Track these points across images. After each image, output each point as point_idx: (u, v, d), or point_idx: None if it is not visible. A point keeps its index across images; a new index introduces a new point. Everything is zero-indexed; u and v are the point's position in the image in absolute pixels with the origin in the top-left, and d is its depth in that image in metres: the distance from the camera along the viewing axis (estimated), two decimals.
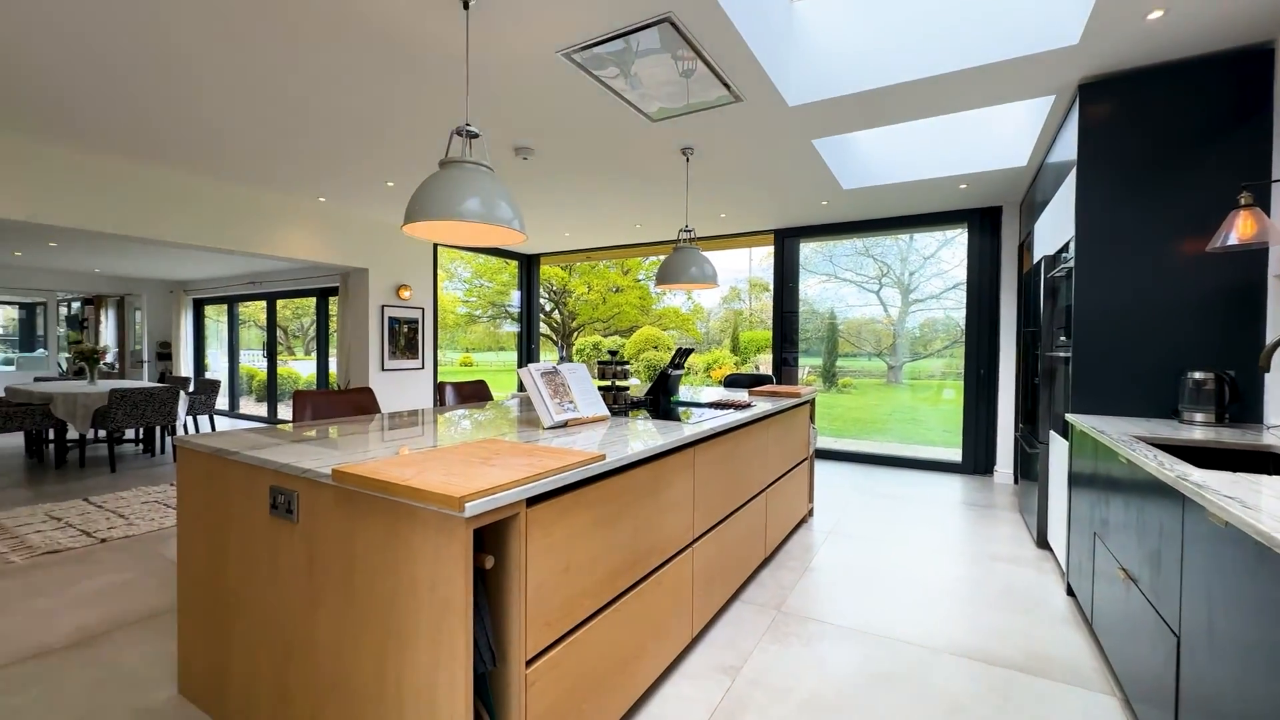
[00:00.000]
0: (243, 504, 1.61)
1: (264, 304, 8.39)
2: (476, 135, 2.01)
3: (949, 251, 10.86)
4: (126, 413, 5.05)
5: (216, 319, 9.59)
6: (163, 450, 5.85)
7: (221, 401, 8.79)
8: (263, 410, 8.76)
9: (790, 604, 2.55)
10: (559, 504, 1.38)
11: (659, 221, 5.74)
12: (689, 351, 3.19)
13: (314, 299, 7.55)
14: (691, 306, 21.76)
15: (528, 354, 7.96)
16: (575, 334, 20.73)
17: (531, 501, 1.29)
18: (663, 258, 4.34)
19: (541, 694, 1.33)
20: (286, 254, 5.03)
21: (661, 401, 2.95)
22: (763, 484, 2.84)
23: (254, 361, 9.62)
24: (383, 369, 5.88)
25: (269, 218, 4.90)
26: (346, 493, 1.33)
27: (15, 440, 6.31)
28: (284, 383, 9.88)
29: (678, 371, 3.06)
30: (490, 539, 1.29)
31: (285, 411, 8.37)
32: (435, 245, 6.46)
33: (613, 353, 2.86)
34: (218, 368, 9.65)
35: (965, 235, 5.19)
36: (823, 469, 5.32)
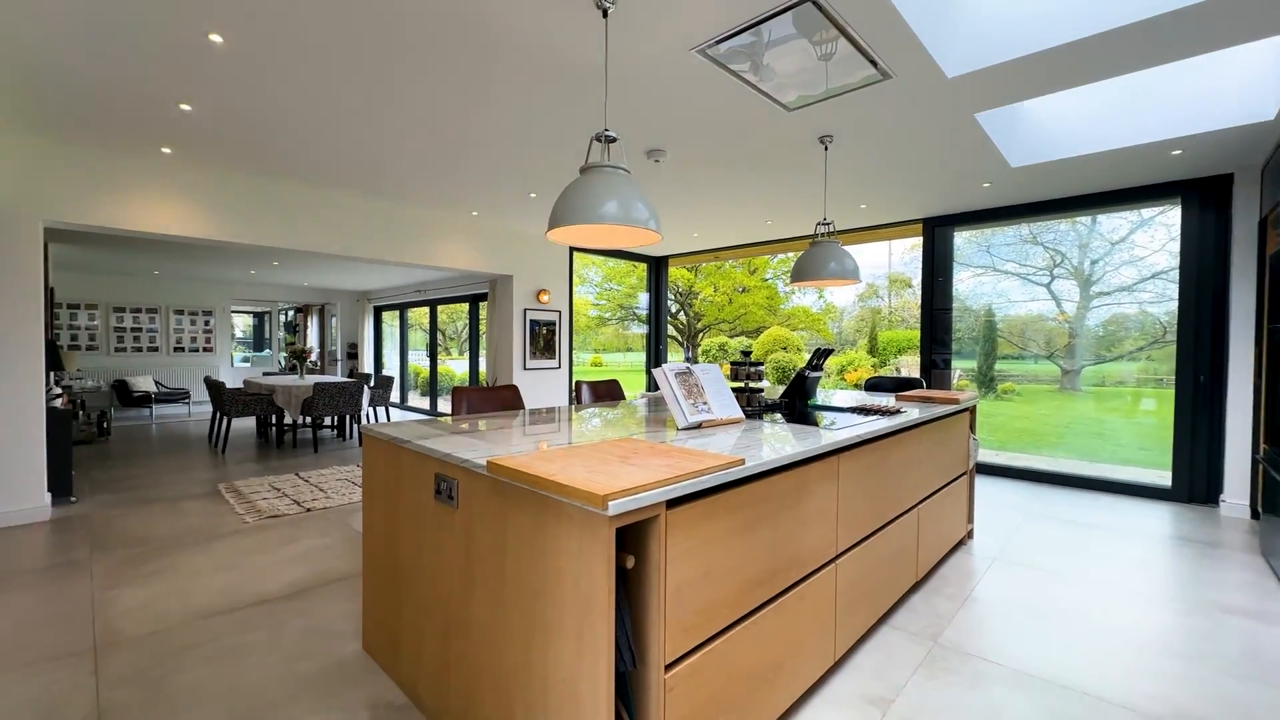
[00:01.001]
0: (413, 487, 1.80)
1: (427, 310, 9.47)
2: (614, 139, 2.06)
3: (1145, 234, 9.08)
4: (325, 403, 5.98)
5: (390, 323, 11.04)
6: (351, 436, 6.85)
7: (394, 395, 10.10)
8: (425, 403, 9.87)
9: (948, 636, 2.27)
10: (698, 508, 1.34)
11: (791, 216, 5.50)
12: (827, 353, 2.99)
13: (467, 304, 8.37)
14: (823, 305, 20.68)
15: (656, 355, 8.08)
16: (701, 335, 20.69)
17: (671, 504, 1.27)
18: (795, 255, 4.12)
19: (679, 701, 1.30)
20: (446, 264, 5.62)
21: (798, 405, 2.80)
22: (915, 499, 2.57)
23: (418, 360, 10.93)
24: (524, 368, 6.33)
25: (432, 233, 5.51)
26: (499, 484, 1.42)
27: (248, 423, 7.79)
28: (441, 379, 11.10)
29: (816, 374, 2.88)
30: (630, 539, 1.29)
31: (444, 405, 9.39)
32: (571, 251, 6.82)
33: (745, 353, 2.77)
34: (391, 365, 11.10)
35: (1178, 212, 4.28)
36: (984, 485, 4.72)
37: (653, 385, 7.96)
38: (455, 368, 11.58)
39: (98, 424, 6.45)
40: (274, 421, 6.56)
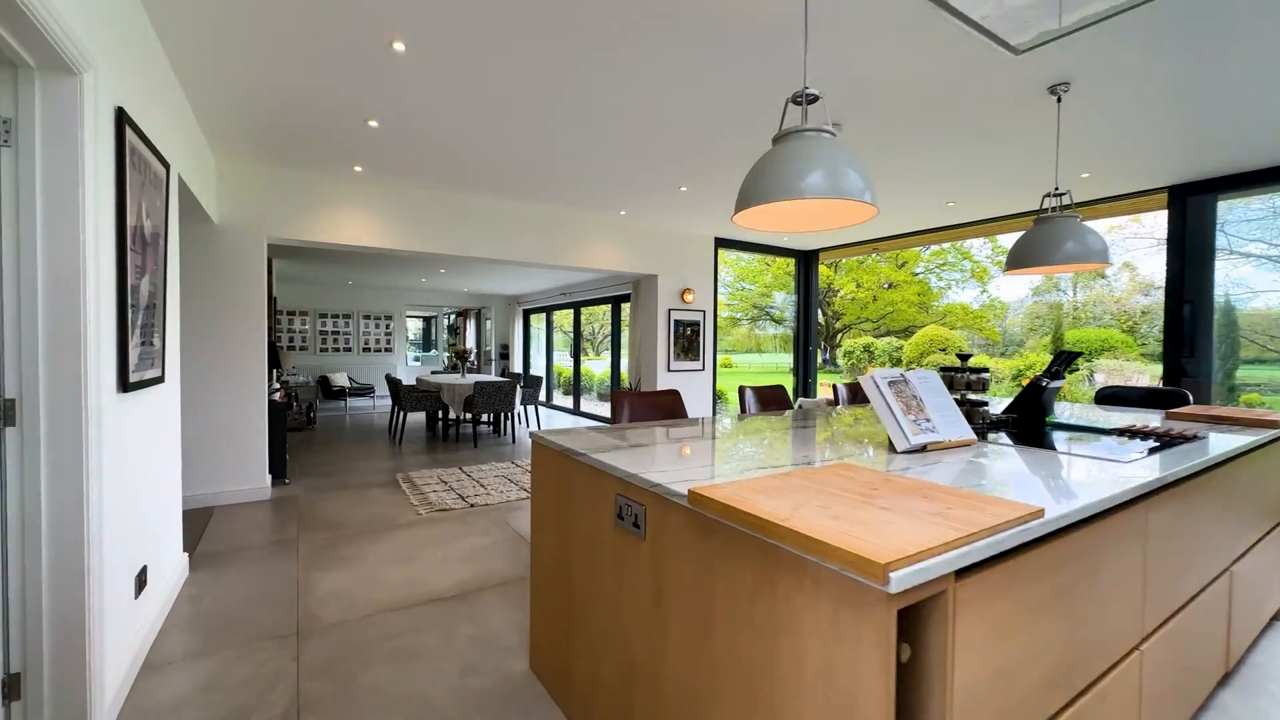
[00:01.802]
0: (588, 505, 1.61)
1: (571, 312, 9.79)
2: (816, 98, 1.70)
3: None
4: (484, 401, 6.33)
5: (537, 326, 11.62)
6: (505, 432, 7.21)
7: (539, 394, 10.60)
8: (569, 402, 10.20)
9: None
10: (990, 578, 0.95)
11: (983, 194, 4.66)
12: (1072, 356, 2.34)
13: (609, 305, 8.45)
14: (988, 300, 18.16)
15: (805, 357, 7.48)
16: (840, 335, 19.23)
17: (959, 573, 0.90)
18: (974, 242, 3.39)
19: None
20: (596, 265, 5.62)
21: (1031, 423, 2.21)
22: (1227, 559, 1.87)
23: (559, 360, 11.38)
24: (668, 369, 6.16)
25: (584, 236, 5.54)
26: (703, 519, 1.15)
27: (420, 416, 8.60)
28: (580, 379, 11.43)
29: (1056, 383, 2.26)
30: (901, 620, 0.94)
31: (587, 405, 9.62)
32: (716, 248, 6.52)
33: (964, 357, 2.25)
34: (536, 366, 11.68)
35: None
36: None
37: (804, 392, 7.37)
38: (594, 368, 11.88)
39: (306, 414, 7.49)
40: (441, 416, 7.11)
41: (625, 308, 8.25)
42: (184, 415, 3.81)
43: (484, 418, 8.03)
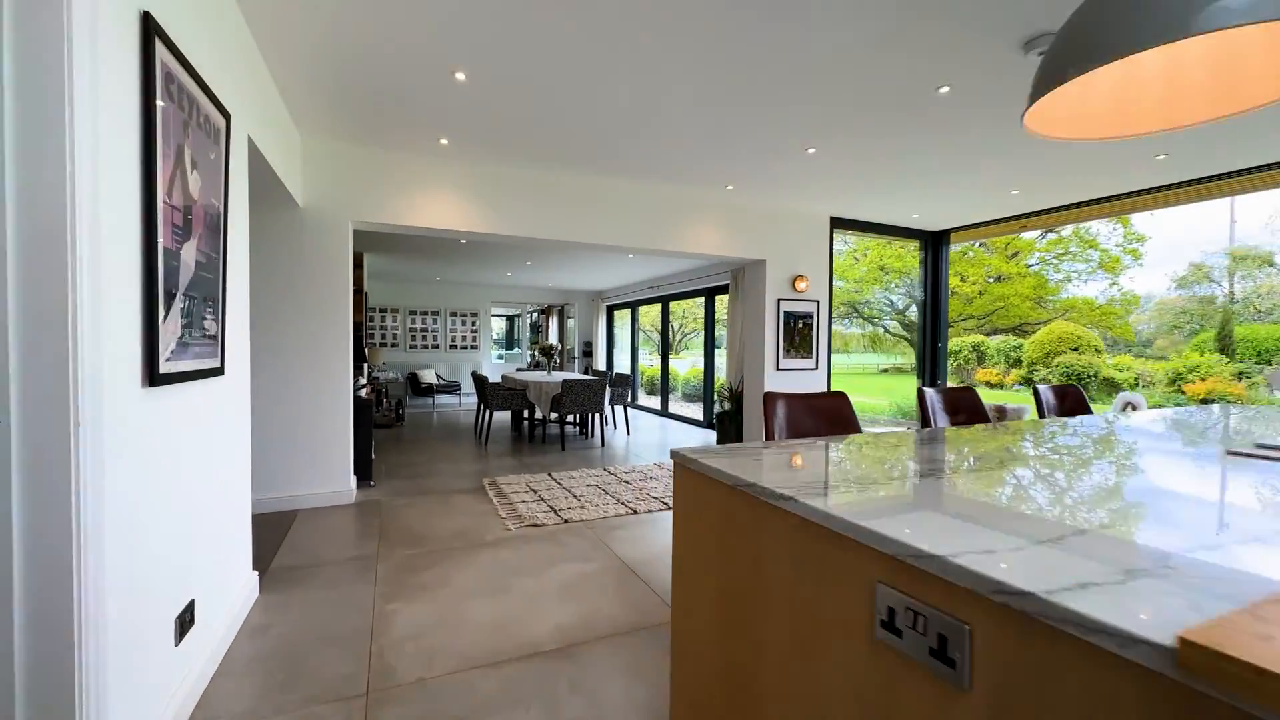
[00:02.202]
0: (801, 585, 0.96)
1: (658, 307, 9.22)
2: None
3: None
4: (572, 400, 5.87)
5: (621, 322, 11.17)
6: (593, 434, 6.74)
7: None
8: (653, 403, 9.63)
9: None
10: None
11: (1230, 137, 3.56)
12: None
13: (702, 298, 7.78)
14: (1119, 294, 15.80)
15: (933, 356, 6.44)
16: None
17: None
18: (1101, 229, 2.42)
19: None
20: (696, 250, 4.99)
21: None
22: None
23: (643, 359, 10.85)
24: (777, 368, 5.40)
25: (685, 216, 4.92)
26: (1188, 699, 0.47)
27: (504, 416, 8.36)
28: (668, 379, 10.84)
29: None
30: None
31: (676, 406, 9.01)
32: (831, 229, 5.68)
33: None
34: (620, 364, 11.23)
35: None
36: None
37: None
38: (678, 367, 11.25)
39: (395, 411, 7.41)
40: (526, 415, 6.75)
41: (721, 300, 7.56)
42: (263, 412, 3.56)
43: (571, 418, 7.62)
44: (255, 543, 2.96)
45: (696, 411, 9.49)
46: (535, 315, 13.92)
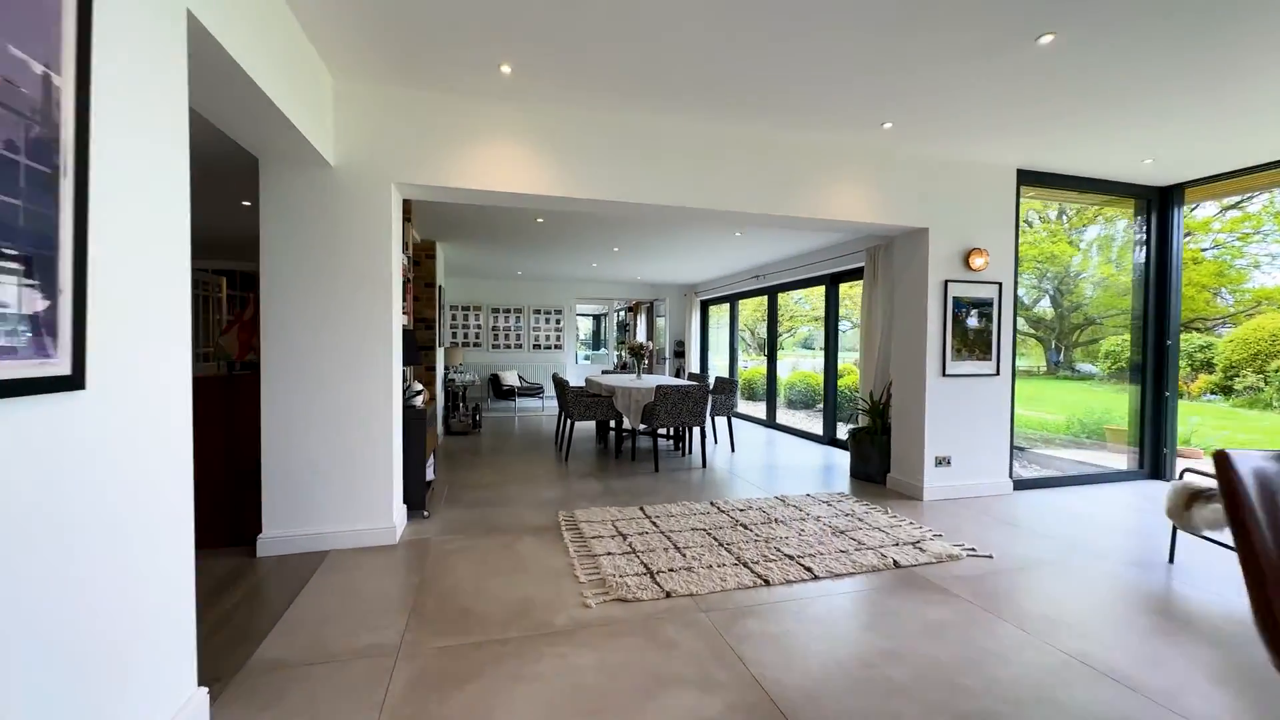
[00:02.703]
0: None
1: (763, 299, 7.95)
2: None
3: None
4: (668, 411, 4.82)
5: (718, 318, 9.99)
6: (688, 450, 5.65)
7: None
8: (755, 410, 8.38)
9: None
10: None
11: None
12: None
13: (821, 287, 6.44)
14: None
15: (1158, 358, 4.71)
16: (1077, 333, 14.50)
17: None
18: None
19: None
20: (834, 215, 3.74)
21: None
22: None
23: (726, 359, 9.58)
24: (943, 373, 4.02)
25: (824, 172, 3.70)
26: None
27: (588, 423, 7.49)
28: (762, 383, 9.51)
29: None
30: None
31: (784, 416, 7.71)
32: (1018, 188, 4.19)
33: None
34: (715, 366, 10.05)
35: None
36: None
37: (1161, 416, 4.63)
38: (779, 369, 9.84)
39: (473, 417, 6.75)
40: (613, 425, 5.79)
41: (850, 290, 6.19)
42: (281, 429, 2.81)
43: (664, 430, 6.57)
44: (248, 609, 2.16)
45: (807, 421, 8.12)
46: (622, 313, 13.08)
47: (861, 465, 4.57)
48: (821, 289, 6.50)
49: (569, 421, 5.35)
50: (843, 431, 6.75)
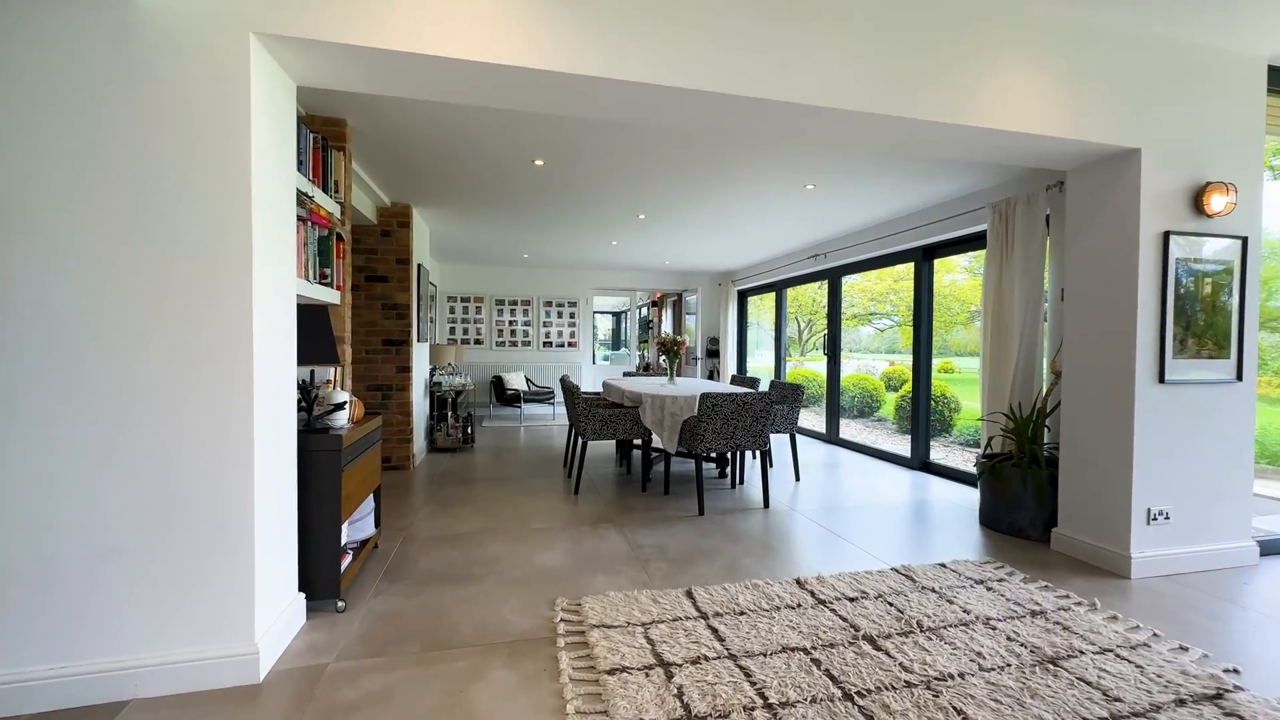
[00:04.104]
0: None
1: (821, 286, 6.50)
2: None
3: None
4: (717, 430, 3.43)
5: (761, 310, 8.57)
6: (741, 478, 4.25)
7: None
8: (818, 423, 6.94)
9: None
10: None
11: None
12: None
13: (909, 264, 4.98)
14: None
15: None
16: None
17: None
18: None
19: None
20: (983, 122, 2.32)
21: None
22: None
23: (765, 359, 8.12)
24: (1159, 379, 2.56)
25: (972, 52, 2.28)
26: None
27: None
28: (811, 387, 8.06)
29: None
30: None
31: (850, 430, 6.26)
32: (1269, 88, 2.71)
33: None
34: (754, 368, 8.63)
35: None
36: None
37: None
38: (817, 369, 8.37)
39: (464, 430, 5.45)
40: (641, 443, 4.44)
41: (945, 265, 4.73)
42: (35, 482, 1.51)
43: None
44: None
45: (870, 434, 6.66)
46: (645, 308, 11.72)
47: (1002, 512, 3.12)
48: (905, 268, 5.05)
49: (580, 442, 3.99)
50: (941, 452, 5.30)
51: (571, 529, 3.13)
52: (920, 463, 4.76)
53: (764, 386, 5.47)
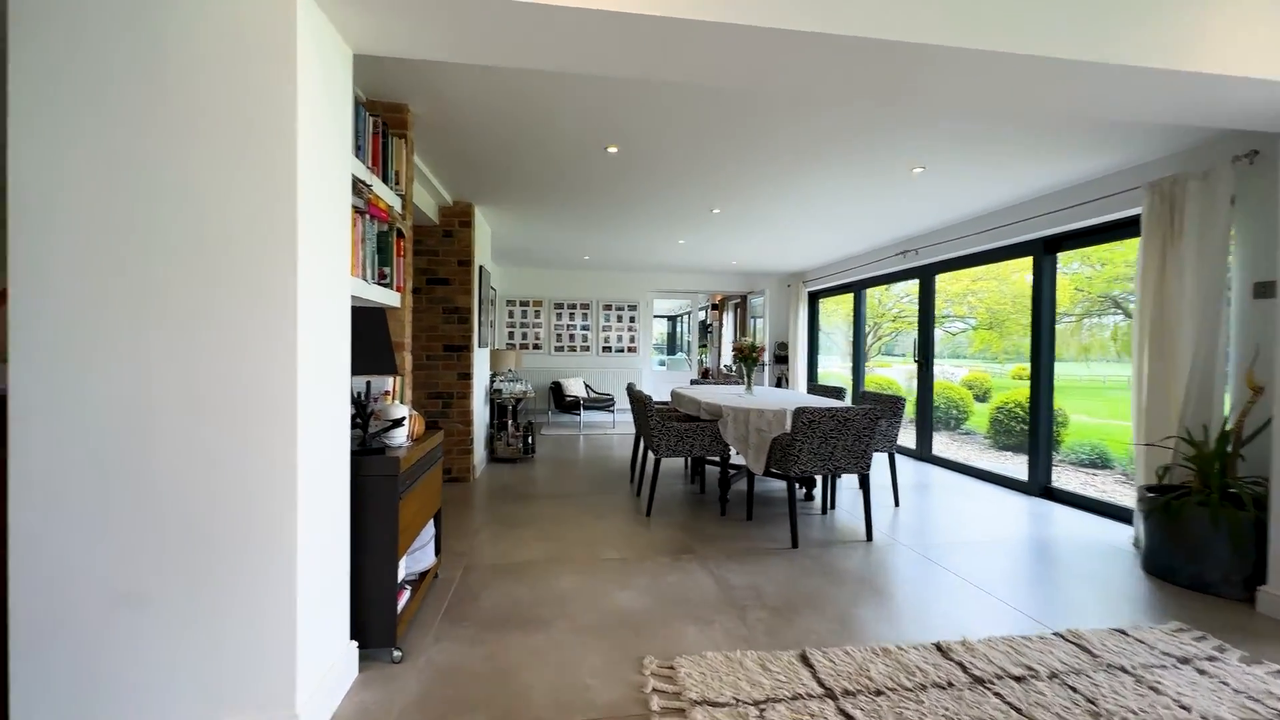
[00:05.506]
0: None
1: (911, 285, 5.89)
2: None
3: None
4: (814, 449, 2.98)
5: (834, 313, 7.97)
6: (831, 502, 3.76)
7: None
8: (905, 438, 6.29)
9: None
10: None
11: None
12: None
13: (1025, 258, 4.35)
14: None
15: None
16: None
17: None
18: None
19: None
20: (1201, 66, 1.78)
21: None
22: None
23: (840, 366, 7.47)
24: None
25: None
26: None
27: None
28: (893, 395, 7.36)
29: None
30: None
31: (943, 444, 5.62)
32: None
33: None
34: (824, 376, 8.03)
35: None
36: None
37: None
38: (895, 376, 7.64)
39: (525, 439, 5.20)
40: (720, 460, 4.03)
41: (1066, 258, 4.11)
42: (48, 521, 1.27)
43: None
44: None
45: (963, 451, 5.98)
46: (706, 311, 11.27)
47: (1180, 560, 2.52)
48: (1029, 260, 4.41)
49: (653, 458, 3.62)
50: (1045, 471, 4.62)
51: (649, 561, 2.76)
52: (1041, 488, 4.11)
53: (846, 398, 4.93)
